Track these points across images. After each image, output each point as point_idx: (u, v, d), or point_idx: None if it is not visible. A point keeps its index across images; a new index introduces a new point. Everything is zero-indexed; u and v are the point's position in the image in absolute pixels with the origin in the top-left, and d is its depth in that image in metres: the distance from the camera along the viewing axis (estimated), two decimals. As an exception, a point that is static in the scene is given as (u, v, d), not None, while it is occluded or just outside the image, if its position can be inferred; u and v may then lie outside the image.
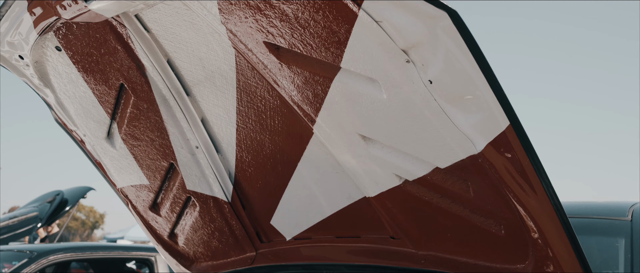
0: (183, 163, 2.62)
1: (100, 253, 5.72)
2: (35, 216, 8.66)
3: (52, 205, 8.79)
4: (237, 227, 2.77)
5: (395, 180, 2.12)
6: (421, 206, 2.15)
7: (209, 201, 2.72)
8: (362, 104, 1.93)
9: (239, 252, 2.88)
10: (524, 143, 1.77)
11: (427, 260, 2.28)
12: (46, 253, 5.20)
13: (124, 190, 2.90)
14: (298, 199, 2.50)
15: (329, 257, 2.61)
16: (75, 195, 9.11)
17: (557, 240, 1.92)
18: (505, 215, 1.96)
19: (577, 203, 3.08)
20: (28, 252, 5.23)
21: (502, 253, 2.08)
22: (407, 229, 2.28)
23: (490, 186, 1.91)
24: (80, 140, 2.77)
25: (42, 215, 8.67)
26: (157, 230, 3.00)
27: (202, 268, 3.03)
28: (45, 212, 8.67)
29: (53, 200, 8.92)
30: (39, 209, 8.84)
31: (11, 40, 2.36)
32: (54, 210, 8.73)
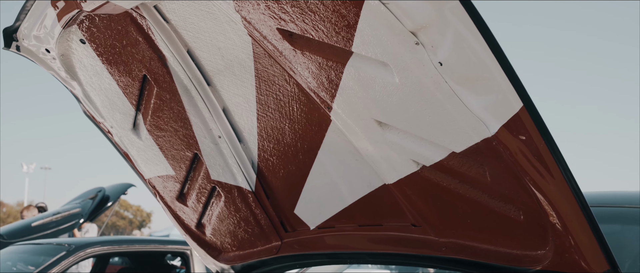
0: (207, 153, 2.65)
1: (136, 246, 5.81)
2: (78, 212, 8.85)
3: (94, 201, 8.98)
4: (261, 217, 2.79)
5: (412, 165, 2.12)
6: (440, 193, 2.14)
7: (234, 191, 2.75)
8: (376, 89, 1.93)
9: (264, 242, 2.90)
10: (539, 125, 1.75)
11: (447, 247, 2.27)
12: (84, 246, 5.31)
13: (152, 181, 2.94)
14: (320, 188, 2.51)
15: (352, 245, 2.61)
16: (117, 191, 9.28)
17: (577, 225, 1.89)
18: (523, 200, 1.94)
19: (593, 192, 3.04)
20: (66, 245, 5.35)
21: (522, 239, 2.06)
22: (428, 216, 2.27)
23: (507, 170, 1.89)
24: (108, 131, 2.82)
25: (84, 211, 8.85)
26: (184, 221, 3.04)
27: (229, 258, 3.06)
28: (87, 208, 8.85)
29: (95, 196, 9.11)
30: (82, 205, 9.03)
31: (37, 34, 2.41)
32: (96, 206, 8.91)
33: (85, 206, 9.05)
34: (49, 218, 9.03)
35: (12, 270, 5.49)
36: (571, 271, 1.99)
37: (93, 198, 9.16)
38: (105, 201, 9.21)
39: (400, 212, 2.34)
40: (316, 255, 2.76)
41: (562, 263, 1.99)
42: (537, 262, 2.04)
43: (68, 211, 9.08)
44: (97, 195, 9.17)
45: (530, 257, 2.06)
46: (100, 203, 9.12)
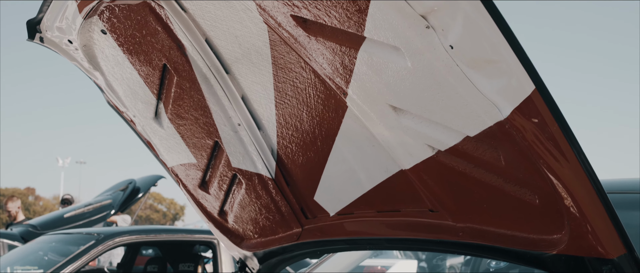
0: (227, 141, 2.68)
1: (164, 236, 5.90)
2: (109, 204, 8.98)
3: (124, 193, 9.11)
4: (282, 203, 2.82)
5: (428, 150, 2.13)
6: (456, 178, 2.15)
7: (254, 178, 2.78)
8: (389, 73, 1.94)
9: (285, 229, 2.93)
10: (552, 107, 1.75)
11: (464, 232, 2.27)
12: (112, 236, 5.40)
13: (175, 169, 2.99)
14: (338, 174, 2.53)
15: (371, 231, 2.63)
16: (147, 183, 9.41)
17: (592, 209, 1.88)
18: (538, 184, 1.94)
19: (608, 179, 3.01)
20: (95, 234, 5.45)
21: (538, 223, 2.06)
22: (444, 201, 2.27)
23: (521, 153, 1.89)
24: (130, 121, 2.87)
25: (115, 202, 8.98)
26: (207, 208, 3.08)
27: (251, 245, 3.10)
28: (118, 200, 8.98)
29: (126, 188, 9.24)
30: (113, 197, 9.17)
31: (59, 25, 2.47)
32: (127, 197, 9.03)
33: (116, 197, 9.19)
34: (81, 210, 9.18)
35: (44, 259, 5.60)
36: (587, 255, 1.98)
37: (124, 189, 9.30)
38: (136, 193, 9.34)
39: (418, 198, 2.35)
40: (336, 241, 2.79)
41: (578, 247, 1.98)
42: (553, 246, 2.04)
43: (99, 202, 9.24)
44: (128, 187, 9.31)
45: (546, 241, 2.06)
46: (131, 195, 9.25)
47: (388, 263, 10.72)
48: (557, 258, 2.05)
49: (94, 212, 8.99)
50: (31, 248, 6.12)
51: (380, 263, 10.96)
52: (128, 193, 9.19)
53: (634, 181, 3.01)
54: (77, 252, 5.12)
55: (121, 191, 9.30)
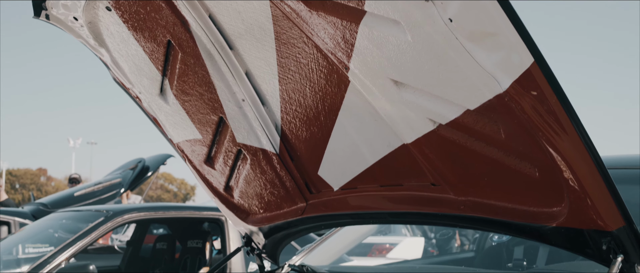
0: (231, 116, 2.71)
1: (172, 213, 5.96)
2: (119, 182, 9.05)
3: (134, 171, 9.17)
4: (287, 178, 2.85)
5: (429, 124, 2.14)
6: (457, 151, 2.17)
7: (259, 154, 2.81)
8: (390, 47, 1.96)
9: (290, 204, 2.96)
10: (551, 80, 1.76)
11: (466, 205, 2.30)
12: (121, 213, 5.47)
13: (180, 145, 3.02)
14: (342, 149, 2.55)
15: (374, 205, 2.65)
16: (156, 162, 9.47)
17: (592, 181, 1.90)
18: (538, 157, 1.96)
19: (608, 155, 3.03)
20: (105, 211, 5.51)
21: (538, 196, 2.08)
22: (446, 175, 2.30)
23: (520, 126, 1.90)
24: (136, 97, 2.89)
25: (125, 181, 9.04)
26: (213, 184, 3.12)
27: (257, 220, 3.14)
28: (128, 178, 9.05)
29: (135, 167, 9.30)
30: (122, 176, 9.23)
31: (65, 2, 2.49)
32: (136, 176, 9.10)
33: (125, 176, 9.27)
34: (91, 188, 9.27)
35: (54, 236, 5.67)
36: (586, 227, 2.01)
37: (133, 168, 9.37)
38: (145, 172, 9.42)
39: (420, 172, 2.38)
40: (340, 215, 2.82)
41: (577, 219, 2.01)
42: (552, 219, 2.07)
43: (109, 181, 9.31)
44: (137, 166, 9.38)
45: (546, 214, 2.08)
46: (140, 173, 9.33)
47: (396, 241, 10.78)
48: (556, 230, 2.07)
49: (103, 191, 9.07)
50: (41, 226, 6.19)
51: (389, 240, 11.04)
52: (137, 172, 9.26)
53: (634, 156, 3.03)
54: (86, 229, 5.18)
55: (131, 170, 9.37)
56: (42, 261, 4.87)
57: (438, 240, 11.24)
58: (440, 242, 11.27)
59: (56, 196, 9.46)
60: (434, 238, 11.61)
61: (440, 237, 11.17)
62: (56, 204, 8.47)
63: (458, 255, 6.17)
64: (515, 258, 3.66)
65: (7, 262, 5.66)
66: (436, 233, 11.49)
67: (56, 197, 9.35)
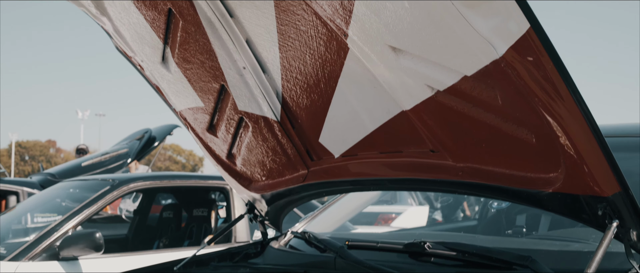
0: (233, 84, 2.72)
1: (177, 182, 6.02)
2: (126, 152, 9.10)
3: (140, 142, 9.22)
4: (288, 146, 2.87)
5: (427, 91, 2.16)
6: (455, 118, 2.18)
7: (260, 121, 2.83)
8: (387, 14, 1.97)
9: (292, 171, 2.99)
10: (547, 46, 1.77)
11: (464, 171, 2.32)
12: (127, 182, 5.51)
13: (183, 113, 3.04)
14: (342, 116, 2.57)
15: (374, 172, 2.68)
16: (162, 132, 9.52)
17: (587, 147, 1.91)
18: (534, 123, 1.97)
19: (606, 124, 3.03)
20: (111, 180, 5.56)
21: (535, 162, 2.10)
22: (445, 142, 2.31)
23: (517, 92, 1.92)
24: (139, 65, 2.91)
25: (132, 151, 9.10)
26: (215, 152, 3.15)
27: (259, 188, 3.17)
28: (135, 149, 9.10)
29: (141, 137, 9.35)
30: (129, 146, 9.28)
31: None
32: (143, 146, 9.15)
33: (132, 146, 9.32)
34: (98, 158, 9.33)
35: (62, 205, 5.73)
36: (582, 193, 2.03)
37: (140, 138, 9.43)
38: (152, 142, 9.47)
39: (419, 139, 2.39)
40: (341, 182, 2.85)
41: (573, 185, 2.02)
42: (549, 185, 2.09)
43: (116, 151, 9.38)
44: (144, 136, 9.43)
45: (543, 180, 2.10)
46: (147, 144, 9.38)
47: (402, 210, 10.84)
48: (553, 196, 2.09)
49: (110, 161, 9.13)
50: (49, 195, 6.25)
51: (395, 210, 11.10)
52: (144, 142, 9.31)
53: (631, 125, 3.04)
54: (92, 198, 5.23)
55: (137, 140, 9.42)
56: (49, 229, 4.93)
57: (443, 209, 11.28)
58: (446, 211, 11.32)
59: (64, 167, 9.54)
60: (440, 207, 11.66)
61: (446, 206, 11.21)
62: (64, 174, 8.54)
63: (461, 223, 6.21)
64: (516, 225, 3.68)
65: (16, 231, 5.74)
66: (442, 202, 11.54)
67: (64, 167, 9.43)
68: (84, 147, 11.93)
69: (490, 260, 2.35)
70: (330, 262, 2.80)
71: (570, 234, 2.88)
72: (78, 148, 11.88)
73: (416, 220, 9.66)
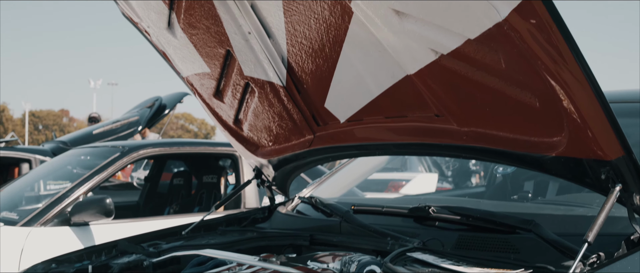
0: (238, 49, 2.73)
1: (187, 148, 6.05)
2: (136, 120, 9.14)
3: (151, 109, 9.26)
4: (294, 111, 2.88)
5: (431, 54, 2.15)
6: (459, 82, 2.18)
7: (266, 87, 2.84)
8: (390, -23, 1.96)
9: (298, 136, 3.00)
10: (550, 9, 1.76)
11: (468, 136, 2.32)
12: (136, 148, 5.55)
13: (190, 79, 3.05)
14: (347, 81, 2.57)
15: (380, 137, 2.69)
16: (173, 100, 9.55)
17: (591, 111, 1.91)
18: (537, 86, 1.97)
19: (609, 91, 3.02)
20: (120, 147, 5.60)
21: (538, 126, 2.10)
22: (449, 106, 2.32)
23: (520, 56, 1.91)
24: (145, 31, 2.92)
25: (142, 119, 9.14)
26: (222, 117, 3.16)
27: (266, 153, 3.18)
28: (145, 116, 9.14)
29: (152, 105, 9.38)
30: (140, 114, 9.32)
31: None
32: (153, 114, 9.19)
33: (143, 114, 9.36)
34: (109, 126, 9.39)
35: (73, 172, 5.78)
36: (586, 157, 2.03)
37: (150, 106, 9.46)
38: (162, 109, 9.50)
39: (423, 103, 2.40)
40: (347, 147, 2.86)
41: (576, 149, 2.03)
42: (552, 148, 2.09)
43: (127, 119, 9.42)
44: (154, 104, 9.47)
45: (546, 144, 2.10)
46: (158, 111, 9.42)
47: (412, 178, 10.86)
48: (556, 160, 2.10)
49: (121, 128, 9.19)
50: (60, 162, 6.30)
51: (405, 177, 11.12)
52: (154, 110, 9.34)
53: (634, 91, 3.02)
54: (102, 164, 5.27)
55: (148, 108, 9.46)
56: (61, 195, 4.98)
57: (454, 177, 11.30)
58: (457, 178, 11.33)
59: (75, 134, 9.60)
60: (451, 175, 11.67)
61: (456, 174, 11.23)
62: (75, 142, 8.60)
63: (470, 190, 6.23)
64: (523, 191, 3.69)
65: (28, 198, 5.80)
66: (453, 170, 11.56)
67: (75, 135, 9.49)
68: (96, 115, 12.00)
69: (493, 224, 2.36)
70: (336, 226, 2.83)
71: (576, 199, 2.89)
72: (90, 116, 11.95)
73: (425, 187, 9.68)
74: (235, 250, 2.76)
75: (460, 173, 11.41)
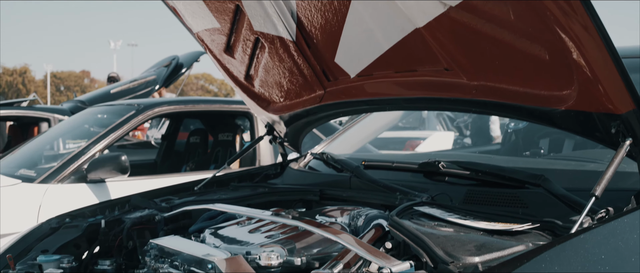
0: (247, 4, 2.71)
1: (202, 106, 6.08)
2: (153, 79, 9.17)
3: (168, 68, 9.27)
4: (304, 66, 2.87)
5: (440, 7, 2.12)
6: (468, 35, 2.15)
7: (276, 42, 2.82)
8: None
9: (309, 91, 2.99)
10: (559, -43, 1.72)
11: (477, 89, 2.30)
12: (151, 106, 5.58)
13: (200, 35, 3.04)
14: (357, 35, 2.55)
15: (389, 92, 2.67)
16: (190, 59, 9.56)
17: (601, 63, 1.88)
18: (547, 38, 1.93)
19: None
20: (136, 105, 5.62)
21: (548, 79, 2.07)
22: (458, 60, 2.29)
23: (529, 6, 1.88)
24: None
25: (159, 78, 9.17)
26: (233, 73, 3.16)
27: (277, 109, 3.18)
28: (162, 75, 9.16)
29: (169, 64, 9.40)
30: (157, 73, 9.34)
31: None
32: (170, 73, 9.20)
33: (160, 73, 9.38)
34: (127, 85, 9.43)
35: (90, 131, 5.83)
36: (596, 110, 2.00)
37: (167, 65, 9.47)
38: (179, 68, 9.52)
39: (433, 57, 2.37)
40: (357, 102, 2.85)
41: (586, 102, 2.00)
42: (562, 102, 2.06)
43: (144, 78, 9.45)
44: (171, 63, 9.47)
45: (556, 97, 2.08)
46: (174, 70, 9.43)
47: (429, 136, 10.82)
48: (566, 114, 2.07)
49: (139, 87, 9.22)
50: (77, 121, 6.35)
51: (423, 136, 11.08)
52: (171, 69, 9.36)
53: None
54: (117, 122, 5.31)
55: (165, 67, 9.47)
56: (77, 152, 5.03)
57: (472, 137, 11.22)
58: (475, 138, 11.25)
59: (93, 94, 9.65)
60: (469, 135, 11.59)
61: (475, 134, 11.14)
62: (93, 101, 8.65)
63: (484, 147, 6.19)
64: (535, 148, 3.67)
65: (48, 156, 5.86)
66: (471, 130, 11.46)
67: (93, 94, 9.54)
68: (114, 75, 12.05)
69: (502, 178, 2.35)
70: (346, 181, 2.83)
71: (588, 155, 2.87)
72: (109, 76, 12.00)
73: (441, 145, 9.63)
74: (245, 204, 2.78)
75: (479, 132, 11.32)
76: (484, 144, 10.71)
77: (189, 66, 9.60)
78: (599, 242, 1.75)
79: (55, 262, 2.49)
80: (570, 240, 1.72)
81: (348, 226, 2.32)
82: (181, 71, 9.56)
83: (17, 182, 4.85)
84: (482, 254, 1.74)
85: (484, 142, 10.99)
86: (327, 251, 2.13)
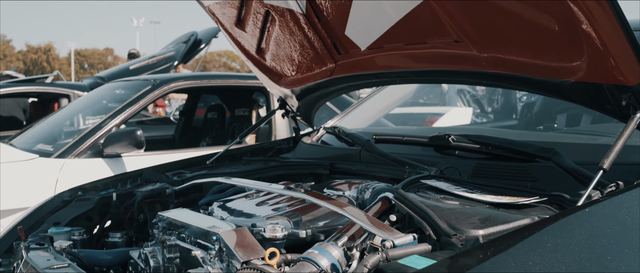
0: None
1: (218, 81, 6.09)
2: (172, 55, 9.20)
3: (187, 44, 9.29)
4: (315, 39, 2.84)
5: (448, -23, 2.10)
6: (478, 6, 2.12)
7: (286, 14, 2.80)
8: None
9: (320, 65, 2.97)
10: None
11: (487, 61, 2.27)
12: (167, 81, 5.59)
13: (211, 8, 3.03)
14: (366, 7, 2.52)
15: (400, 65, 2.65)
16: (208, 34, 9.57)
17: (611, 34, 1.84)
18: (556, 9, 1.90)
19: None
20: (152, 80, 5.64)
21: (558, 50, 2.04)
22: (468, 31, 2.26)
23: None
24: None
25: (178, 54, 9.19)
26: (245, 47, 3.14)
27: (289, 82, 3.17)
28: (181, 52, 9.19)
29: (188, 40, 9.42)
30: (175, 49, 9.37)
31: None
32: (189, 49, 9.23)
33: (178, 49, 9.41)
34: (146, 62, 9.47)
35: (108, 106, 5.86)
36: (606, 82, 1.96)
37: (186, 41, 9.49)
38: (198, 44, 9.53)
39: (443, 29, 2.34)
40: (368, 75, 2.83)
41: (596, 74, 1.96)
42: (572, 73, 2.03)
43: (163, 54, 9.49)
44: (190, 39, 9.49)
45: (566, 69, 2.04)
46: (193, 46, 9.45)
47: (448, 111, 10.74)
48: (576, 85, 2.04)
49: (157, 63, 9.27)
50: (95, 96, 6.39)
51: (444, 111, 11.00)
52: (190, 45, 9.38)
53: None
54: (134, 97, 5.33)
55: (183, 43, 9.49)
56: (93, 127, 5.06)
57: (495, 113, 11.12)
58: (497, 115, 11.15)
59: (112, 70, 9.72)
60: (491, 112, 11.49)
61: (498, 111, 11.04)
62: (112, 77, 8.70)
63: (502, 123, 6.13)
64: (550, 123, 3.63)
65: (68, 132, 5.90)
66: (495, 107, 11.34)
67: (112, 71, 9.61)
68: (135, 52, 12.10)
69: (512, 152, 2.33)
70: (356, 155, 2.82)
71: (601, 129, 2.83)
72: (130, 52, 12.06)
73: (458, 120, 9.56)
74: (256, 178, 2.78)
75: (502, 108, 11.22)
76: (504, 120, 10.63)
77: (208, 41, 9.61)
78: (606, 215, 1.73)
79: (66, 234, 2.51)
80: (576, 213, 1.69)
81: (355, 200, 2.32)
82: (200, 46, 9.57)
83: (35, 157, 4.90)
84: (486, 227, 1.72)
85: (505, 117, 10.90)
86: (334, 224, 2.13)
